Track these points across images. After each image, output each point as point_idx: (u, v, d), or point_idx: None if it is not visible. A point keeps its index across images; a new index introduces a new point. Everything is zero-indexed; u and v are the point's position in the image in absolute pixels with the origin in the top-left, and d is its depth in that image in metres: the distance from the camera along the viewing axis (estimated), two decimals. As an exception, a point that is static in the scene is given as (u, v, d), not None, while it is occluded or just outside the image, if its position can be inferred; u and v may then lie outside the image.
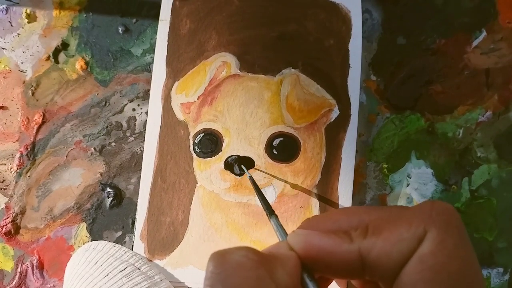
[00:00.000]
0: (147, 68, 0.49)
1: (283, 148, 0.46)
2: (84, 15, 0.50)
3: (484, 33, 0.50)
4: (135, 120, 0.49)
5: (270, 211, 0.34)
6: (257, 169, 0.46)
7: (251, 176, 0.43)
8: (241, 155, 0.46)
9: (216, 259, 0.22)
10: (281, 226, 0.32)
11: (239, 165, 0.46)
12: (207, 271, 0.22)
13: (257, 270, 0.21)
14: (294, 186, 0.46)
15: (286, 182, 0.46)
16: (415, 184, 0.49)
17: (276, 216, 0.34)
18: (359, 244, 0.23)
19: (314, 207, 0.46)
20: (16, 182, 0.48)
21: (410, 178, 0.49)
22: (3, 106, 0.49)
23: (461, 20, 0.50)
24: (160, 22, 0.48)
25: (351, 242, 0.23)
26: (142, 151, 0.48)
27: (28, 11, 0.49)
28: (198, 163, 0.47)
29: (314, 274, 0.25)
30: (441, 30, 0.50)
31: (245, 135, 0.46)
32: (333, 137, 0.47)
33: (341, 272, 0.24)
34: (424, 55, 0.50)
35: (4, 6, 0.50)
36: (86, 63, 0.49)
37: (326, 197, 0.46)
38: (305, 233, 0.25)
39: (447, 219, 0.23)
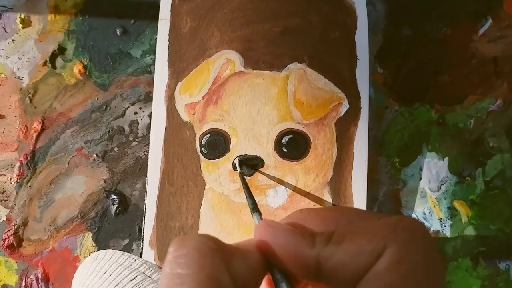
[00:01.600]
0: (148, 70, 0.48)
1: (292, 146, 0.45)
2: (80, 18, 0.49)
3: (490, 21, 0.50)
4: (138, 123, 0.48)
5: (254, 207, 0.34)
6: (261, 172, 0.45)
7: (241, 172, 0.43)
8: (250, 154, 0.45)
9: (176, 243, 0.22)
10: None
11: (251, 164, 0.45)
12: (168, 254, 0.22)
13: (212, 258, 0.21)
14: (302, 189, 0.45)
15: (294, 188, 0.45)
16: (428, 177, 0.48)
17: (260, 213, 0.33)
18: (319, 250, 0.22)
19: (327, 205, 0.45)
20: (16, 193, 0.47)
21: (422, 171, 0.48)
22: (0, 115, 0.47)
23: (466, 9, 0.50)
24: (160, 22, 0.47)
25: (312, 246, 0.22)
26: (146, 155, 0.47)
27: (23, 16, 0.48)
28: (205, 164, 0.45)
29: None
30: (446, 20, 0.49)
31: (253, 133, 0.45)
32: (344, 131, 0.46)
33: (297, 273, 0.23)
34: (431, 45, 0.49)
35: (-3, 11, 0.49)
36: (85, 67, 0.48)
37: (339, 194, 0.45)
38: (272, 226, 0.24)
39: (411, 236, 0.21)
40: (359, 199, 0.45)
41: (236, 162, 0.45)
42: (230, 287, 0.21)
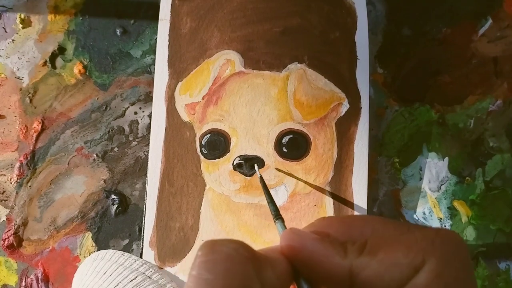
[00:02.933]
0: (148, 70, 0.48)
1: (292, 146, 0.45)
2: (80, 18, 0.49)
3: (490, 21, 0.49)
4: (138, 123, 0.48)
5: (276, 214, 0.33)
6: (277, 169, 0.45)
7: (261, 176, 0.42)
8: (250, 154, 0.45)
9: (206, 248, 0.21)
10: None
11: (251, 164, 0.44)
12: (196, 258, 0.21)
13: (245, 266, 0.21)
14: (307, 183, 0.45)
15: (299, 179, 0.45)
16: (428, 177, 0.48)
17: (283, 220, 0.32)
18: (352, 261, 0.22)
19: (328, 205, 0.45)
20: (16, 193, 0.47)
21: (422, 171, 0.48)
22: (0, 115, 0.47)
23: (466, 9, 0.50)
24: (160, 22, 0.47)
25: (345, 256, 0.22)
26: (146, 156, 0.47)
27: (23, 16, 0.48)
28: (206, 165, 0.45)
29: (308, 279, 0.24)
30: (446, 19, 0.49)
31: (253, 134, 0.45)
32: (344, 131, 0.46)
33: (328, 283, 0.23)
34: (431, 45, 0.49)
35: (-3, 11, 0.49)
36: (85, 67, 0.48)
37: (340, 195, 0.45)
38: (299, 234, 0.24)
39: (451, 250, 0.21)
40: (359, 199, 0.45)
41: (256, 169, 0.44)
42: None
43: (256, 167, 0.44)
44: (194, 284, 0.20)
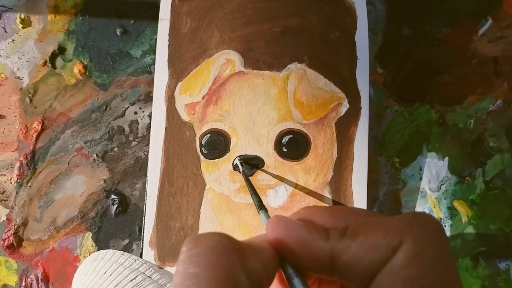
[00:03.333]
0: (148, 70, 0.48)
1: (292, 146, 0.45)
2: (80, 18, 0.48)
3: (490, 21, 0.49)
4: (138, 123, 0.47)
5: (260, 204, 0.34)
6: (264, 171, 0.45)
7: (243, 170, 0.43)
8: (250, 154, 0.45)
9: (190, 243, 0.21)
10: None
11: (251, 164, 0.45)
12: (181, 253, 0.21)
13: (229, 256, 0.21)
14: (303, 188, 0.45)
15: (296, 186, 0.45)
16: (428, 177, 0.48)
17: (266, 209, 0.33)
18: (333, 244, 0.22)
19: (327, 205, 0.45)
20: (16, 193, 0.47)
21: (422, 171, 0.48)
22: (0, 115, 0.47)
23: (466, 9, 0.50)
24: (160, 22, 0.47)
25: (327, 240, 0.23)
26: (146, 155, 0.47)
27: (23, 16, 0.48)
28: (205, 165, 0.45)
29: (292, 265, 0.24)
30: (446, 19, 0.49)
31: (253, 133, 0.45)
32: (344, 131, 0.46)
33: (311, 267, 0.23)
34: (431, 45, 0.49)
35: (-3, 11, 0.49)
36: (85, 67, 0.48)
37: (339, 194, 0.45)
38: (284, 220, 0.24)
39: (427, 230, 0.22)
40: (359, 199, 0.45)
41: (238, 162, 0.45)
42: (247, 286, 0.21)
43: (237, 160, 0.45)
44: (181, 279, 0.20)
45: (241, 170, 0.44)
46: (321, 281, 0.27)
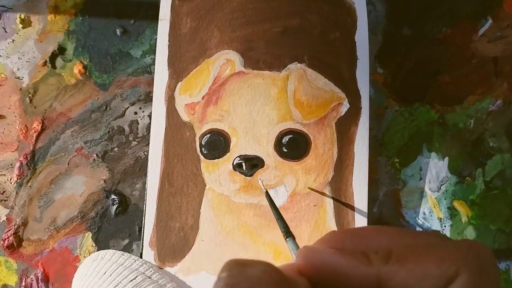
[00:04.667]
0: (148, 70, 0.48)
1: (292, 146, 0.45)
2: (80, 18, 0.48)
3: (490, 21, 0.49)
4: (138, 123, 0.47)
5: (287, 231, 0.32)
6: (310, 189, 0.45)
7: (267, 191, 0.40)
8: (250, 154, 0.45)
9: (233, 269, 0.20)
10: (298, 248, 0.30)
11: (251, 164, 0.44)
12: (220, 278, 0.20)
13: None
14: (303, 189, 0.45)
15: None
16: (428, 177, 0.48)
17: (294, 237, 0.31)
18: (379, 269, 0.21)
19: (328, 206, 0.45)
20: (16, 193, 0.47)
21: (422, 171, 0.48)
22: (0, 115, 0.47)
23: (466, 9, 0.50)
24: (160, 22, 0.47)
25: (369, 265, 0.21)
26: (146, 156, 0.47)
27: (23, 16, 0.48)
28: (205, 165, 0.45)
29: None
30: (446, 19, 0.49)
31: (253, 133, 0.45)
32: (345, 131, 0.46)
33: None
34: (431, 45, 0.49)
35: (-3, 12, 0.49)
36: (85, 67, 0.48)
37: (340, 194, 0.45)
38: (315, 250, 0.22)
39: (484, 265, 0.21)
40: (360, 199, 0.45)
41: (260, 183, 0.44)
42: None
43: (260, 181, 0.44)
44: None
45: (264, 190, 0.41)
46: None
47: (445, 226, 0.47)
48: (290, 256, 0.44)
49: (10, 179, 0.47)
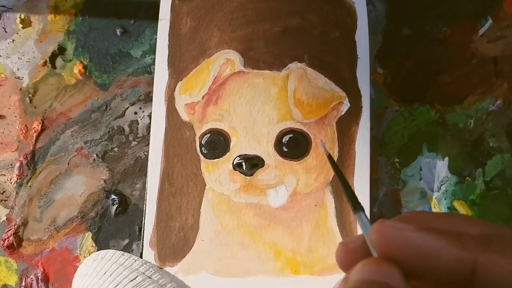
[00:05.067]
0: (148, 70, 0.48)
1: (293, 145, 0.45)
2: (80, 18, 0.49)
3: (490, 21, 0.49)
4: (138, 123, 0.47)
5: (355, 204, 0.26)
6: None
7: (329, 154, 0.34)
8: (250, 154, 0.45)
9: (371, 264, 0.19)
10: (370, 223, 0.25)
11: (251, 164, 0.44)
12: (354, 280, 0.19)
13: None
14: (303, 188, 0.45)
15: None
16: (428, 177, 0.47)
17: (363, 210, 0.26)
18: (476, 254, 0.19)
19: (329, 205, 0.45)
20: (16, 193, 0.47)
21: (422, 171, 0.48)
22: (0, 115, 0.47)
23: (466, 9, 0.50)
24: (159, 22, 0.47)
25: (463, 249, 0.19)
26: (146, 156, 0.47)
27: (23, 16, 0.48)
28: (205, 164, 0.45)
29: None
30: (446, 19, 0.49)
31: (253, 133, 0.45)
32: (345, 131, 0.46)
33: (441, 281, 0.20)
34: (431, 45, 0.49)
35: (-3, 12, 0.49)
36: (85, 67, 0.48)
37: (341, 194, 0.45)
38: (400, 227, 0.20)
39: None
40: (361, 199, 0.44)
41: (323, 145, 0.39)
42: None
43: (323, 146, 0.39)
44: None
45: (326, 153, 0.32)
46: None
47: (445, 226, 0.47)
48: (291, 258, 0.44)
49: (10, 179, 0.47)
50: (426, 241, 0.19)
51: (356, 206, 0.26)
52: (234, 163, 0.45)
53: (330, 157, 0.33)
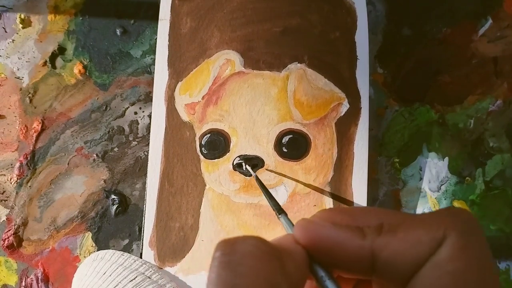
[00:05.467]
0: (148, 70, 0.48)
1: (292, 146, 0.45)
2: (80, 18, 0.48)
3: (490, 21, 0.49)
4: (138, 123, 0.47)
5: (278, 209, 0.33)
6: (268, 170, 0.45)
7: (256, 175, 0.42)
8: (250, 154, 0.45)
9: (224, 247, 0.21)
10: (292, 223, 0.31)
11: (246, 164, 0.44)
12: (214, 259, 0.21)
13: (269, 262, 0.20)
14: (307, 185, 0.45)
15: (297, 181, 0.45)
16: (428, 177, 0.47)
17: (286, 213, 0.32)
18: (372, 241, 0.22)
19: (327, 205, 0.45)
20: (16, 193, 0.47)
21: (422, 171, 0.48)
22: (0, 115, 0.47)
23: (466, 9, 0.49)
24: (160, 22, 0.47)
25: (364, 237, 0.22)
26: (146, 156, 0.47)
27: (23, 16, 0.48)
28: (205, 165, 0.45)
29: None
30: (446, 19, 0.49)
31: (253, 133, 0.45)
32: (344, 131, 0.46)
33: (349, 268, 0.23)
34: (431, 45, 0.49)
35: (-3, 12, 0.49)
36: (85, 67, 0.48)
37: (340, 195, 0.45)
38: (313, 223, 0.23)
39: (469, 226, 0.21)
40: (359, 199, 0.45)
41: (249, 167, 0.44)
42: None
43: (246, 166, 0.44)
44: (215, 286, 0.20)
45: (253, 175, 0.43)
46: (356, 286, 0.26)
47: (445, 226, 0.47)
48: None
49: (10, 179, 0.47)
50: (336, 234, 0.22)
51: (280, 211, 0.32)
52: (234, 163, 0.45)
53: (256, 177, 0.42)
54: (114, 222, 0.47)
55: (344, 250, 0.22)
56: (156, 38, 0.47)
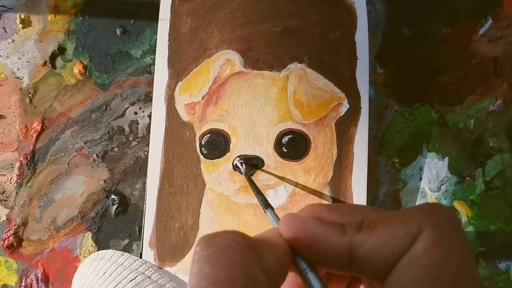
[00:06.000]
0: (148, 70, 0.48)
1: (292, 146, 0.45)
2: (80, 18, 0.48)
3: (490, 21, 0.49)
4: (138, 123, 0.47)
5: (265, 204, 0.34)
6: (264, 171, 0.45)
7: (245, 171, 0.43)
8: (250, 154, 0.45)
9: (204, 242, 0.22)
10: (278, 218, 0.32)
11: (242, 163, 0.45)
12: (195, 253, 0.21)
13: (245, 254, 0.21)
14: (304, 188, 0.45)
15: (296, 184, 0.45)
16: (428, 177, 0.47)
17: (272, 208, 0.33)
18: (351, 237, 0.23)
19: (331, 203, 0.45)
20: (16, 193, 0.47)
21: (422, 171, 0.48)
22: (0, 115, 0.47)
23: (466, 9, 0.49)
24: (159, 22, 0.47)
25: (344, 234, 0.23)
26: (146, 156, 0.47)
27: (23, 16, 0.48)
28: (205, 165, 0.45)
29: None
30: (446, 19, 0.49)
31: (253, 133, 0.45)
32: (344, 131, 0.46)
33: (329, 263, 0.24)
34: (431, 45, 0.49)
35: (-3, 12, 0.49)
36: (85, 67, 0.48)
37: (339, 195, 0.45)
38: (298, 217, 0.24)
39: (445, 220, 0.22)
40: (359, 199, 0.45)
41: (238, 163, 0.45)
42: (265, 283, 0.21)
43: (237, 160, 0.45)
44: (197, 280, 0.20)
45: (242, 170, 0.44)
46: (329, 277, 0.27)
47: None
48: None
49: (10, 179, 0.47)
50: (318, 229, 0.23)
51: (266, 205, 0.33)
52: (234, 163, 0.45)
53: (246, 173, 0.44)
54: (114, 222, 0.47)
55: (324, 245, 0.23)
56: (156, 38, 0.47)
